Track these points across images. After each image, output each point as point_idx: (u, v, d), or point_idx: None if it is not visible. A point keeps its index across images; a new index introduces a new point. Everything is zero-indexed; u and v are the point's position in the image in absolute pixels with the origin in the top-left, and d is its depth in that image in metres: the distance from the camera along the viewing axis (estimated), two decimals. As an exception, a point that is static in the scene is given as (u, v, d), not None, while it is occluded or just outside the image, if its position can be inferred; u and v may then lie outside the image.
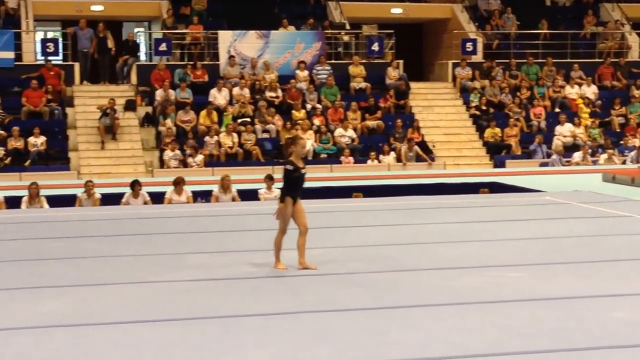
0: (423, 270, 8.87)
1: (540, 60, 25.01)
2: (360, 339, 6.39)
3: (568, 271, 8.74)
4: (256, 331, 6.62)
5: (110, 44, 23.11)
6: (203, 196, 15.38)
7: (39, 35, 25.36)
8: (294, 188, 8.85)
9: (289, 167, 8.81)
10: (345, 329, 6.64)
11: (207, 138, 20.82)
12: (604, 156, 21.40)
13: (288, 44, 23.57)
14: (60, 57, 23.43)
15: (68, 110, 21.83)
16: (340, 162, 20.92)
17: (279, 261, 8.91)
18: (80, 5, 24.22)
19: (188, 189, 14.90)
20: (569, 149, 21.99)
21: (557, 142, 22.15)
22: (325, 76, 23.24)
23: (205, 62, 23.27)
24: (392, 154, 21.31)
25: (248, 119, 21.64)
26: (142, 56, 25.20)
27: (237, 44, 23.24)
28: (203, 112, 21.46)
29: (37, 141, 20.19)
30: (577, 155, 21.40)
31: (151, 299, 7.68)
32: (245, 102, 21.96)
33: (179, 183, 14.76)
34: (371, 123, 22.52)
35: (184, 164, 20.17)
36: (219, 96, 22.05)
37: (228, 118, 21.44)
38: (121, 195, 14.78)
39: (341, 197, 15.43)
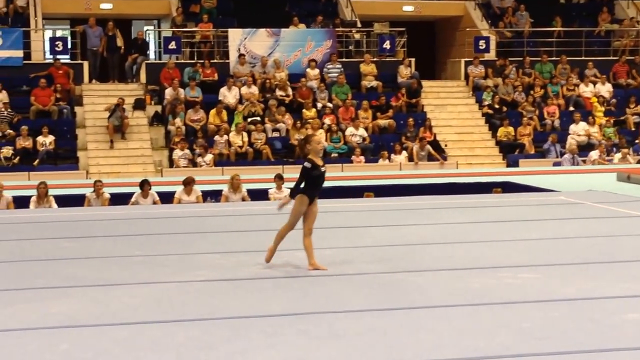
0: (434, 271, 8.77)
1: (554, 58, 24.83)
2: (370, 341, 6.31)
3: (582, 272, 8.63)
4: (266, 332, 6.55)
5: (120, 42, 23.09)
6: (213, 196, 15.29)
7: (48, 34, 25.35)
8: (312, 187, 8.66)
9: (307, 164, 8.61)
10: (355, 330, 6.57)
11: (216, 137, 20.73)
12: (618, 155, 21.17)
13: (299, 42, 23.47)
14: (69, 55, 23.37)
15: (77, 109, 21.82)
16: (351, 162, 20.78)
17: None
18: (90, 4, 24.17)
19: (198, 189, 14.81)
20: (583, 148, 21.77)
21: (571, 141, 21.95)
22: (336, 74, 23.12)
23: (215, 61, 23.20)
24: (404, 153, 21.16)
25: (258, 118, 21.54)
26: (152, 55, 25.19)
27: (247, 42, 23.15)
28: (213, 111, 21.38)
29: (46, 140, 20.16)
30: (594, 154, 21.16)
31: (160, 300, 7.62)
32: (254, 101, 21.83)
33: (189, 183, 14.67)
34: (382, 122, 22.38)
35: (193, 163, 20.08)
36: (228, 95, 21.96)
37: (238, 117, 21.34)
38: (130, 195, 14.72)
39: (352, 197, 15.31)
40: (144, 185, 14.54)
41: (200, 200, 14.77)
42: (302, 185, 8.68)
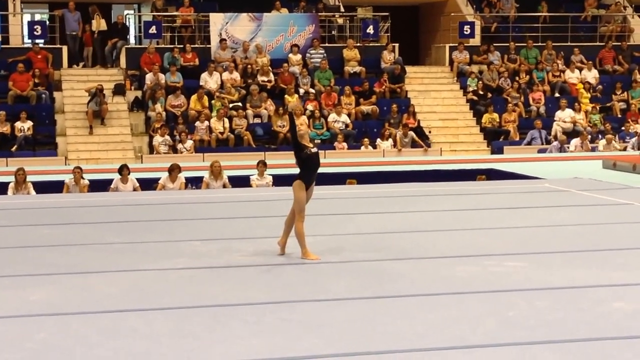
0: (419, 259, 8.70)
1: (539, 44, 24.70)
2: (354, 329, 6.25)
3: (568, 260, 8.57)
4: (247, 321, 6.49)
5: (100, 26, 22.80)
6: (193, 182, 15.13)
7: (26, 18, 24.99)
8: (307, 171, 8.52)
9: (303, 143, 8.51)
10: (339, 319, 6.51)
11: (197, 123, 20.54)
12: (603, 142, 21.10)
13: (281, 27, 23.25)
14: (48, 39, 23.06)
15: (56, 94, 21.55)
16: (333, 148, 20.63)
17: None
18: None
19: (182, 176, 14.64)
20: (569, 134, 21.69)
21: (556, 128, 21.88)
22: (318, 60, 22.94)
23: (196, 46, 22.97)
24: (390, 140, 21.02)
25: (239, 104, 21.37)
26: (132, 39, 24.89)
27: (228, 27, 22.92)
28: (194, 97, 21.18)
29: (24, 126, 19.92)
30: (573, 143, 20.99)
31: (141, 288, 7.57)
32: (230, 90, 21.51)
33: (173, 170, 14.47)
34: (365, 108, 22.23)
35: (173, 149, 19.89)
36: (210, 80, 21.76)
37: (218, 104, 21.18)
38: (110, 181, 14.57)
39: (335, 184, 15.17)
40: (123, 170, 14.38)
41: (183, 187, 14.60)
42: (300, 171, 8.55)
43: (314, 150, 8.58)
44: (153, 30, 22.54)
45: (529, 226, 10.49)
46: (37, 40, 22.24)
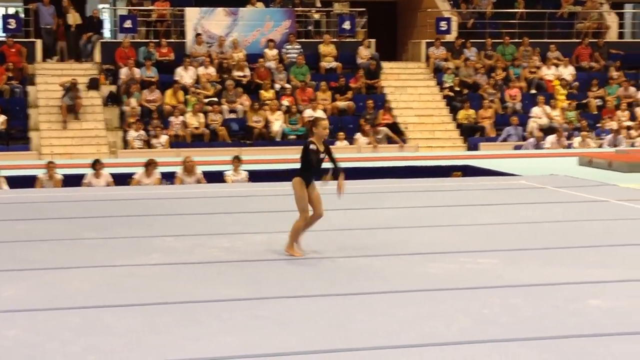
0: (393, 255, 8.63)
1: (516, 40, 24.75)
2: (327, 326, 6.20)
3: (543, 257, 8.54)
4: (220, 317, 6.43)
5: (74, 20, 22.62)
6: (167, 178, 15.02)
7: (1, 11, 24.74)
8: (309, 170, 8.60)
9: (313, 146, 8.52)
10: (313, 316, 6.46)
11: (172, 118, 20.41)
12: (578, 139, 21.17)
13: (257, 21, 23.17)
14: (22, 33, 22.84)
15: (29, 88, 21.37)
16: (309, 144, 20.51)
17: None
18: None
19: (157, 172, 14.55)
20: (545, 131, 21.74)
21: (532, 124, 21.92)
22: (294, 55, 22.86)
23: (172, 40, 22.82)
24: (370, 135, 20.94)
25: (215, 99, 21.26)
26: (107, 33, 24.71)
27: (204, 22, 22.80)
28: (169, 92, 21.06)
29: (-3, 120, 19.76)
30: (549, 139, 21.04)
31: (114, 284, 7.47)
32: (206, 83, 21.36)
33: (149, 165, 14.35)
34: (341, 104, 22.18)
35: (148, 144, 19.74)
36: (185, 75, 21.63)
37: (193, 99, 21.06)
38: (83, 176, 14.42)
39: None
40: (96, 164, 14.27)
41: (158, 183, 14.50)
42: (300, 167, 8.58)
43: (322, 155, 8.68)
44: (128, 24, 22.41)
45: (504, 223, 10.46)
46: (11, 34, 22.00)
